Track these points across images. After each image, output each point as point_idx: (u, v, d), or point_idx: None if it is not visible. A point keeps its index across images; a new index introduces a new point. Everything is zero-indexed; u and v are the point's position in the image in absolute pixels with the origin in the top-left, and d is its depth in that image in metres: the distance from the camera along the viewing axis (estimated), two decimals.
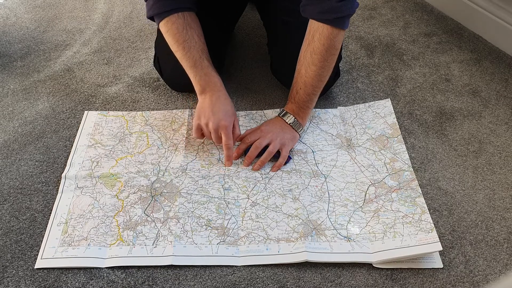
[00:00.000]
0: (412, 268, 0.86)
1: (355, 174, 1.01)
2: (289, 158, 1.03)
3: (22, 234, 0.91)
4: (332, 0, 0.91)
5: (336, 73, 1.13)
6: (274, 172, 1.01)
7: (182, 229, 0.90)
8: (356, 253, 0.87)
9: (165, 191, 0.97)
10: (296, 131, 1.04)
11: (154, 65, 1.21)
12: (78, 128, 1.11)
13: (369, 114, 1.14)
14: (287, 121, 1.04)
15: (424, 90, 1.23)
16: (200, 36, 1.02)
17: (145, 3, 1.02)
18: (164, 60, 1.15)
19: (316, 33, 0.96)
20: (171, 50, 1.03)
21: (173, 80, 1.18)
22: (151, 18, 1.03)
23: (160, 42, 1.15)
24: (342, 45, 1.03)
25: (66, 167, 1.01)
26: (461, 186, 1.00)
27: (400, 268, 0.86)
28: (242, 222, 0.92)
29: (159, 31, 1.17)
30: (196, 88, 1.02)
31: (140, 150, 1.05)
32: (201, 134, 1.02)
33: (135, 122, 1.12)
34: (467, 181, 1.00)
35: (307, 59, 0.99)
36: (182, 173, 1.00)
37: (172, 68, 1.14)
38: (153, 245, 0.88)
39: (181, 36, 1.00)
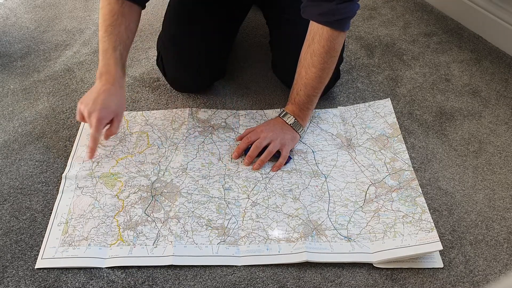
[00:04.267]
0: (412, 268, 0.86)
1: (355, 174, 1.01)
2: (289, 158, 1.03)
3: (22, 234, 0.91)
4: (332, 2, 0.90)
5: (336, 75, 1.13)
6: (275, 172, 1.01)
7: (183, 229, 0.90)
8: (356, 253, 0.87)
9: (166, 191, 0.97)
10: (296, 131, 1.04)
11: (157, 64, 1.19)
12: (78, 128, 1.11)
13: (369, 114, 1.14)
14: (287, 121, 1.04)
15: (424, 90, 1.23)
16: (128, 30, 0.98)
17: None
18: (167, 59, 1.14)
19: (316, 35, 0.95)
20: (174, 49, 1.01)
21: (176, 79, 1.17)
22: None
23: (164, 40, 1.14)
24: (344, 46, 1.03)
25: (66, 167, 1.01)
26: (461, 186, 1.00)
27: (400, 268, 0.86)
28: (242, 222, 0.92)
29: (163, 29, 1.16)
30: (97, 72, 0.98)
31: (141, 150, 1.05)
32: (82, 117, 0.98)
33: (135, 122, 1.12)
34: (467, 181, 1.00)
35: (307, 60, 0.98)
36: (183, 172, 1.00)
37: (176, 67, 1.13)
38: (153, 245, 0.88)
39: (108, 18, 0.96)
